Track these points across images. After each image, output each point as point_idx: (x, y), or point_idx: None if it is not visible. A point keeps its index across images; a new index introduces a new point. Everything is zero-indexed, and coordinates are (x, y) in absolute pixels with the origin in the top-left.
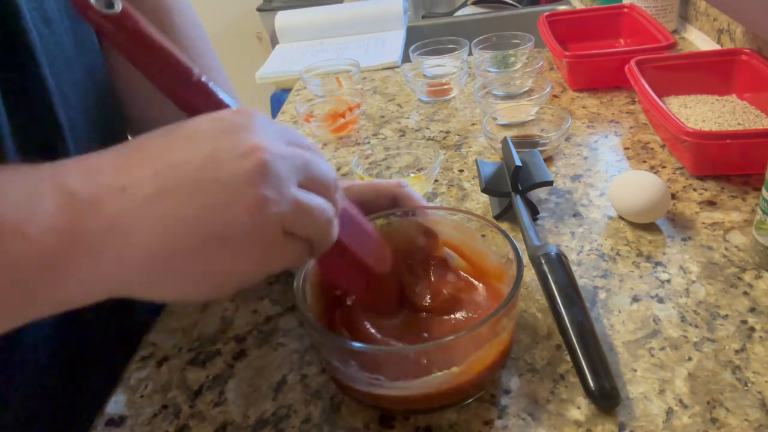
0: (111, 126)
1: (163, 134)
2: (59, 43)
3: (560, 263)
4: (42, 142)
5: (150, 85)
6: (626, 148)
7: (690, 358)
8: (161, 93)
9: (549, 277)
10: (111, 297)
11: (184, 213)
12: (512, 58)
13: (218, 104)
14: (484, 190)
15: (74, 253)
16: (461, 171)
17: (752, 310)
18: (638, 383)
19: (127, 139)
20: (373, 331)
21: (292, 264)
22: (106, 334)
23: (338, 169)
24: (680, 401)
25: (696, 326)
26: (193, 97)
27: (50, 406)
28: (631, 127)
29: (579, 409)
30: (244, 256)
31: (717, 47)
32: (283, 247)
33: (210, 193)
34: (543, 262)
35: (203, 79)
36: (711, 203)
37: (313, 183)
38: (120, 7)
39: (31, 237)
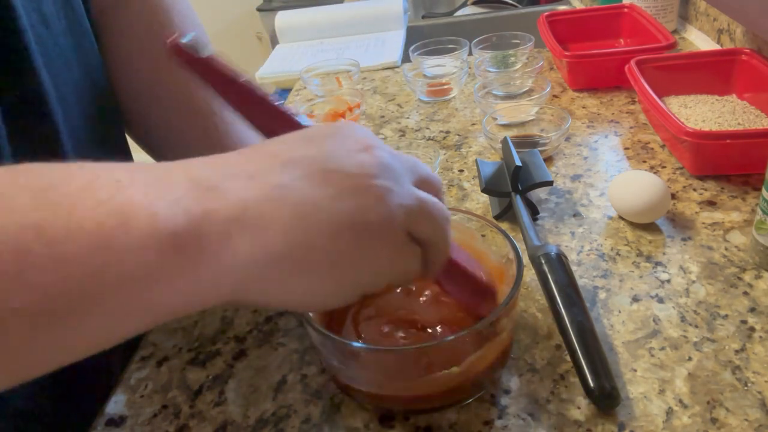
0: (109, 127)
1: (277, 140)
2: (57, 44)
3: (560, 263)
4: (39, 144)
5: (150, 86)
6: (626, 148)
7: (690, 358)
8: (250, 123)
9: (549, 277)
10: (226, 300)
11: (318, 198)
12: (512, 58)
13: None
14: (484, 190)
15: (202, 239)
16: (461, 171)
17: (752, 310)
18: (638, 383)
19: (125, 140)
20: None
21: (412, 274)
22: None
23: None
24: (680, 401)
25: (696, 326)
26: (280, 126)
27: (50, 405)
28: (631, 127)
29: (579, 409)
30: (374, 251)
31: (717, 47)
32: (408, 247)
33: (338, 182)
34: (543, 262)
35: (287, 110)
36: (711, 203)
37: (423, 183)
38: (209, 54)
39: (160, 215)
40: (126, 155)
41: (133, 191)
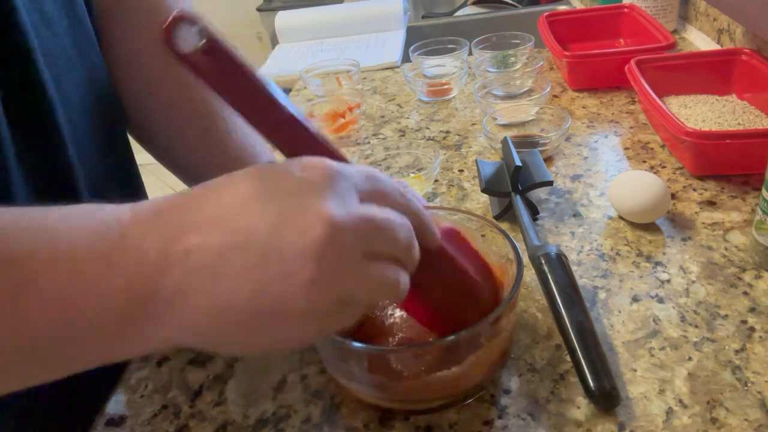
0: (111, 126)
1: (233, 187)
2: (59, 44)
3: (560, 263)
4: (42, 143)
5: (150, 85)
6: (626, 148)
7: (690, 358)
8: (253, 128)
9: (549, 277)
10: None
11: (238, 287)
12: (512, 58)
13: (310, 140)
14: (484, 190)
15: (144, 314)
16: (461, 171)
17: (752, 310)
18: (638, 383)
19: (127, 140)
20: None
21: (349, 324)
22: None
23: None
24: (680, 401)
25: (696, 326)
26: (283, 132)
27: (50, 406)
28: (631, 127)
29: (579, 409)
30: (296, 329)
31: (717, 47)
32: (339, 314)
33: (267, 267)
34: (543, 262)
35: (298, 115)
36: (711, 203)
37: (381, 248)
38: (203, 43)
39: (108, 296)
40: (128, 155)
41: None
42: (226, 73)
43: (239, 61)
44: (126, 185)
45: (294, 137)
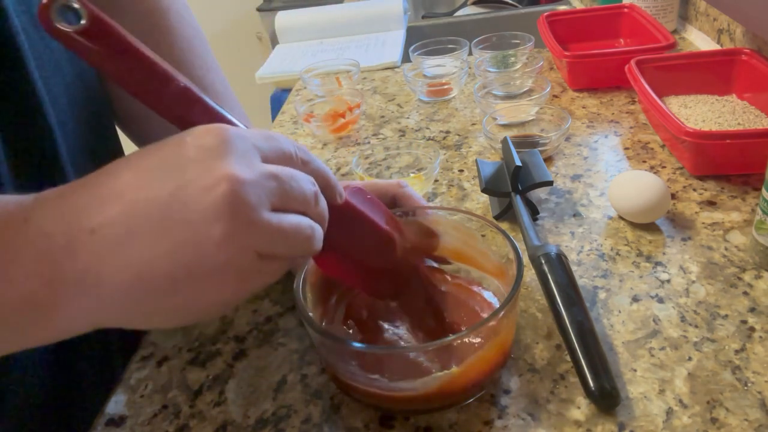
0: (101, 127)
1: (132, 164)
2: (48, 46)
3: (560, 263)
4: (33, 146)
5: None
6: (626, 148)
7: (690, 358)
8: (144, 104)
9: (549, 277)
10: (98, 328)
11: (151, 255)
12: (512, 58)
13: (207, 112)
14: (484, 190)
15: (56, 297)
16: (461, 171)
17: (752, 310)
18: (638, 383)
19: (118, 141)
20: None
21: (273, 281)
22: (105, 334)
23: (338, 170)
24: (680, 401)
25: (696, 326)
26: (178, 107)
27: (50, 406)
28: (631, 127)
29: (579, 409)
30: (219, 288)
31: (717, 47)
32: (260, 270)
33: (176, 233)
34: (543, 262)
35: (192, 87)
36: (711, 203)
37: (288, 202)
38: (85, 21)
39: (15, 281)
40: (119, 156)
41: None
42: (113, 51)
43: (125, 38)
44: None
45: (189, 110)
